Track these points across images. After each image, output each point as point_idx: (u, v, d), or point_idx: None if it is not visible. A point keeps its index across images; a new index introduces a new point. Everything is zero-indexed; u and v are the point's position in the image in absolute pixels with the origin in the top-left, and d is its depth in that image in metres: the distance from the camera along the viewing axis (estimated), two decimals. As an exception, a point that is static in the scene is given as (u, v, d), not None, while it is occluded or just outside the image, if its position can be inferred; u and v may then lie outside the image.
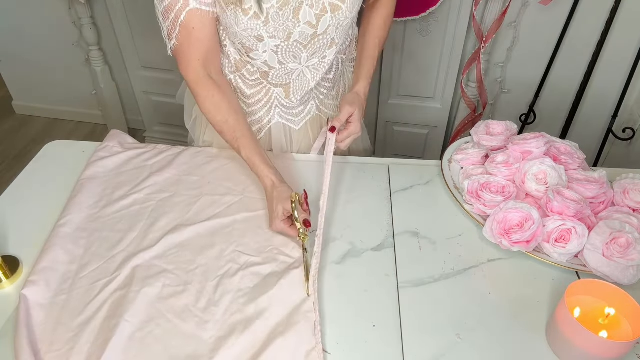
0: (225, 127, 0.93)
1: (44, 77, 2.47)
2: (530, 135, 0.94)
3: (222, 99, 0.92)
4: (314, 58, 0.95)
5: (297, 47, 0.91)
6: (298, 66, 0.96)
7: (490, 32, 1.69)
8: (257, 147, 0.92)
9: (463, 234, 0.88)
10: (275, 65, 0.94)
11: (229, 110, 0.93)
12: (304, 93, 1.02)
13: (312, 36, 0.90)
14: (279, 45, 0.90)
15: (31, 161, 1.03)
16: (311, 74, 0.99)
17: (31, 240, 0.85)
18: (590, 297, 0.71)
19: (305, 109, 1.07)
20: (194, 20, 0.85)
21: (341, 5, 0.87)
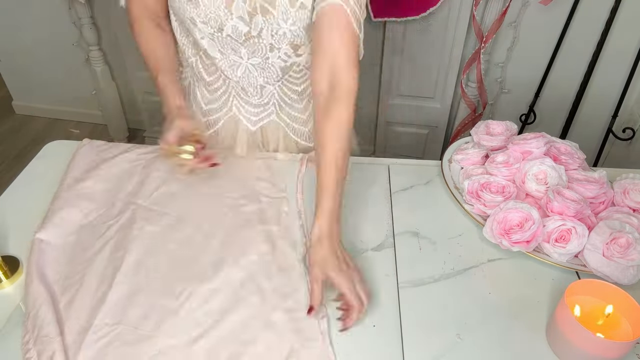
0: (152, 55, 0.95)
1: (44, 77, 2.47)
2: (530, 135, 0.94)
3: (157, 34, 0.95)
4: (255, 57, 0.92)
5: (232, 42, 0.90)
6: (240, 60, 0.93)
7: (490, 32, 1.69)
8: (174, 78, 0.94)
9: (463, 234, 0.88)
10: (217, 54, 0.93)
11: (159, 43, 0.96)
12: (257, 91, 0.98)
13: (247, 35, 0.88)
14: (213, 34, 0.89)
15: (31, 161, 1.03)
16: (258, 72, 0.95)
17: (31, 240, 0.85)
18: (590, 297, 0.71)
19: (264, 111, 1.02)
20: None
21: (272, 11, 0.84)
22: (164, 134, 0.87)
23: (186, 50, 0.99)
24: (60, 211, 0.88)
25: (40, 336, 0.68)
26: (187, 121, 0.88)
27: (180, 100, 0.91)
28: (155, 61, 0.95)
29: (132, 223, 0.86)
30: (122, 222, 0.86)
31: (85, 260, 0.80)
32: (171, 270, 0.79)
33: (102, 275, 0.78)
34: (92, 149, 1.03)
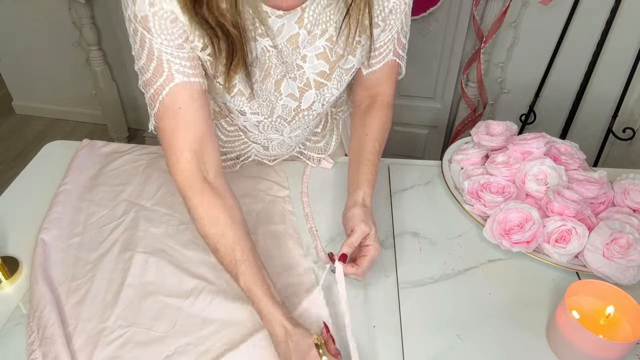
0: (222, 243, 0.71)
1: (44, 77, 2.48)
2: (530, 136, 0.94)
3: (220, 209, 0.72)
4: (298, 130, 0.88)
5: (280, 123, 0.84)
6: (280, 137, 0.89)
7: (490, 32, 1.69)
8: (260, 273, 0.70)
9: (463, 234, 0.88)
10: (255, 131, 0.88)
11: (227, 223, 0.71)
12: (285, 151, 0.96)
13: (296, 110, 0.82)
14: (261, 121, 0.82)
15: (31, 161, 1.03)
16: (293, 141, 0.92)
17: (31, 240, 0.85)
18: (590, 298, 0.71)
19: (284, 153, 0.99)
20: (181, 97, 0.69)
21: (326, 83, 0.80)
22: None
23: None
24: (63, 212, 0.88)
25: (45, 337, 0.68)
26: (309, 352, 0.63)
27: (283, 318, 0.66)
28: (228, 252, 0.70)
29: (137, 224, 0.87)
30: (127, 223, 0.87)
31: (91, 262, 0.81)
32: (179, 270, 0.79)
33: (111, 277, 0.78)
34: (93, 150, 1.03)
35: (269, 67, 0.75)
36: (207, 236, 0.72)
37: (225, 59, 0.68)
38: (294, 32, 0.72)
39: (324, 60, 0.77)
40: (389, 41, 0.83)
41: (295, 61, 0.76)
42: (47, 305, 0.71)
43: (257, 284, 0.68)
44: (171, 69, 0.68)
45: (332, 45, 0.76)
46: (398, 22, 0.81)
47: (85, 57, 2.25)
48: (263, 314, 0.67)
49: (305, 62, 0.77)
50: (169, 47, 0.67)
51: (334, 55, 0.77)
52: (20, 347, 0.69)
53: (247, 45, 0.69)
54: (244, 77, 0.72)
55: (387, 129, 0.89)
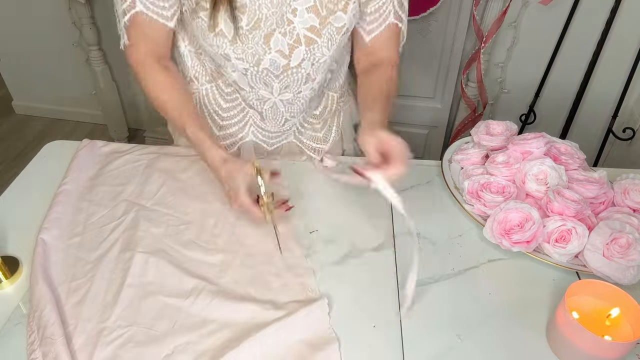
0: (169, 105, 0.86)
1: (44, 77, 2.48)
2: (530, 136, 0.94)
3: (166, 78, 0.86)
4: (287, 92, 0.89)
5: (267, 75, 0.86)
6: (270, 96, 0.90)
7: (490, 32, 1.69)
8: (204, 124, 0.86)
9: (463, 234, 0.88)
10: (246, 87, 0.89)
11: (173, 89, 0.86)
12: (280, 124, 0.96)
13: (285, 67, 0.84)
14: (247, 69, 0.84)
15: (31, 161, 1.03)
16: (285, 107, 0.92)
17: (31, 240, 0.85)
18: (590, 298, 0.71)
19: (282, 134, 1.00)
20: (140, 25, 0.82)
21: (316, 39, 0.81)
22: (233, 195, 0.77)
23: (200, 77, 0.95)
24: (63, 212, 0.88)
25: (45, 337, 0.68)
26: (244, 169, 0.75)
27: (221, 150, 0.81)
28: (176, 110, 0.85)
29: (137, 224, 0.86)
30: (127, 223, 0.87)
31: (91, 262, 0.80)
32: (179, 270, 0.79)
33: (111, 276, 0.78)
34: (93, 149, 1.03)
35: (259, 18, 0.77)
36: (157, 101, 0.86)
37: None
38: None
39: (314, 13, 0.78)
40: (387, 1, 0.82)
41: (285, 14, 0.78)
42: (47, 305, 0.71)
43: (202, 132, 0.82)
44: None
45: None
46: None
47: (85, 57, 2.25)
48: (205, 149, 0.80)
49: (295, 17, 0.78)
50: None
51: (324, 9, 0.78)
52: (20, 347, 0.69)
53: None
54: (228, 18, 0.77)
55: (394, 81, 0.90)
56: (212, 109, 0.98)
